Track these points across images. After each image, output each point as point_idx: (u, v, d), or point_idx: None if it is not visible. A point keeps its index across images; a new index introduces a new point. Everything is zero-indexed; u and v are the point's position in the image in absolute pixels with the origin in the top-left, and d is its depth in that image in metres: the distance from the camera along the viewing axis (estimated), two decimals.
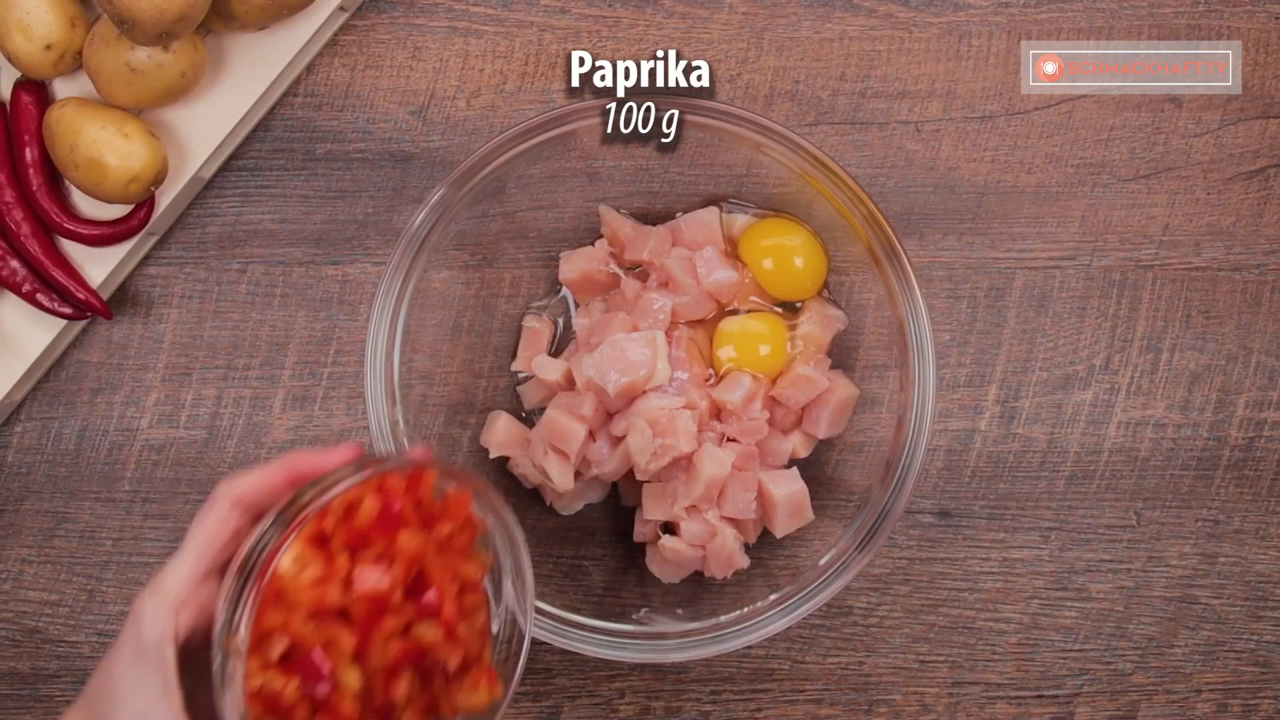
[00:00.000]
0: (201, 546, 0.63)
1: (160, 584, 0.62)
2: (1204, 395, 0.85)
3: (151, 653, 0.61)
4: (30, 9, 0.77)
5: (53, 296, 0.81)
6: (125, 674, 0.61)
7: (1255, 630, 0.85)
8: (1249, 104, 0.85)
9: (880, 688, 0.85)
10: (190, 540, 0.63)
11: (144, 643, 0.61)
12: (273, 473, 0.64)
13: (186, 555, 0.63)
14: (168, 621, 0.61)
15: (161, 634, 0.61)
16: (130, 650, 0.61)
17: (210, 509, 0.63)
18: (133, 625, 0.62)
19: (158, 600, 0.62)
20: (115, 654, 0.62)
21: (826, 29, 0.85)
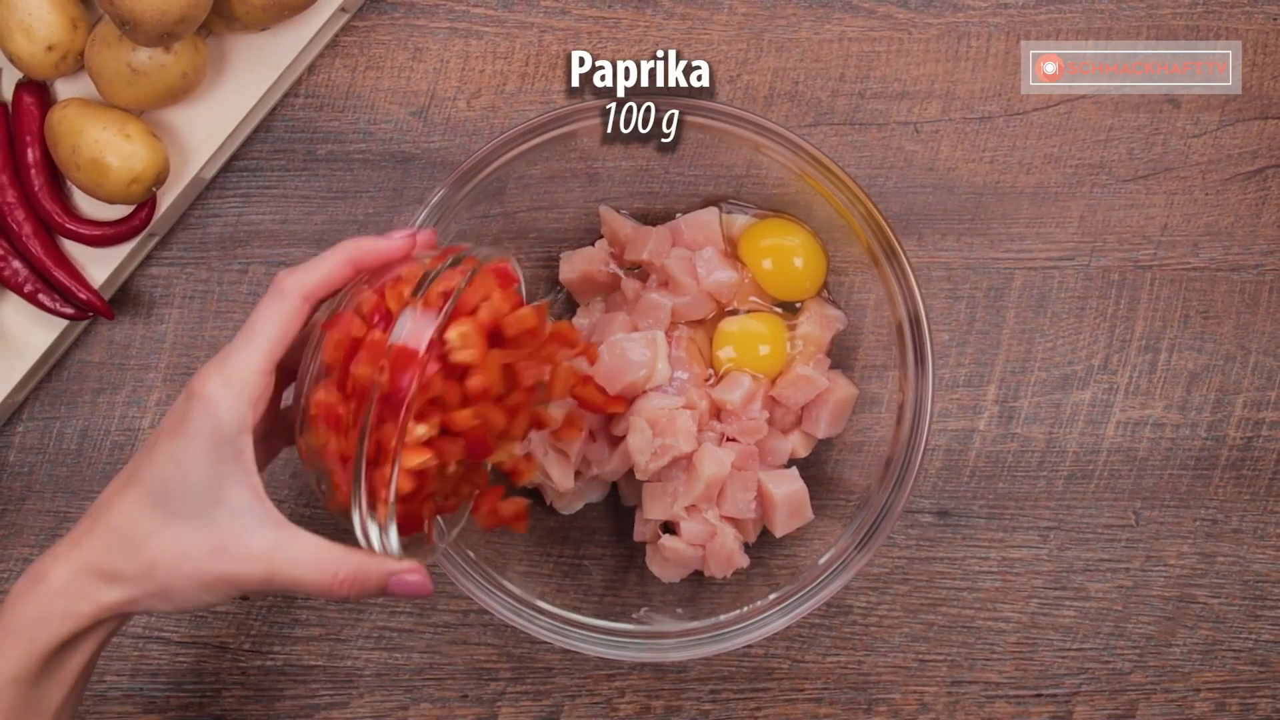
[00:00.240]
0: (274, 339, 0.62)
1: (233, 375, 0.61)
2: (1202, 395, 0.85)
3: (231, 444, 0.61)
4: (32, 10, 0.77)
5: (54, 297, 0.81)
6: (203, 465, 0.61)
7: (1253, 629, 0.85)
8: (1247, 105, 0.85)
9: (879, 687, 0.85)
10: (260, 332, 0.62)
11: (223, 434, 0.61)
12: (337, 265, 0.64)
13: (258, 347, 0.62)
14: (246, 413, 0.61)
15: (241, 425, 0.61)
16: (207, 441, 0.61)
17: (280, 303, 0.63)
18: (205, 416, 0.61)
19: (233, 392, 0.61)
20: (184, 443, 0.61)
21: (826, 30, 0.85)
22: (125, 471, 0.63)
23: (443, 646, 0.85)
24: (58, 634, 0.61)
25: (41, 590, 0.62)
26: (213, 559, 0.62)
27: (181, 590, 0.62)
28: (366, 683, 0.85)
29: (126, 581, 0.62)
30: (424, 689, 0.85)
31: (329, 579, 0.62)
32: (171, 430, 0.62)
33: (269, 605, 0.84)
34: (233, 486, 0.62)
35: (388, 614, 0.85)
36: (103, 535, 0.62)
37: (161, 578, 0.62)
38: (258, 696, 0.85)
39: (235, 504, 0.62)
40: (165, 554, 0.61)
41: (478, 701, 0.85)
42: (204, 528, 0.62)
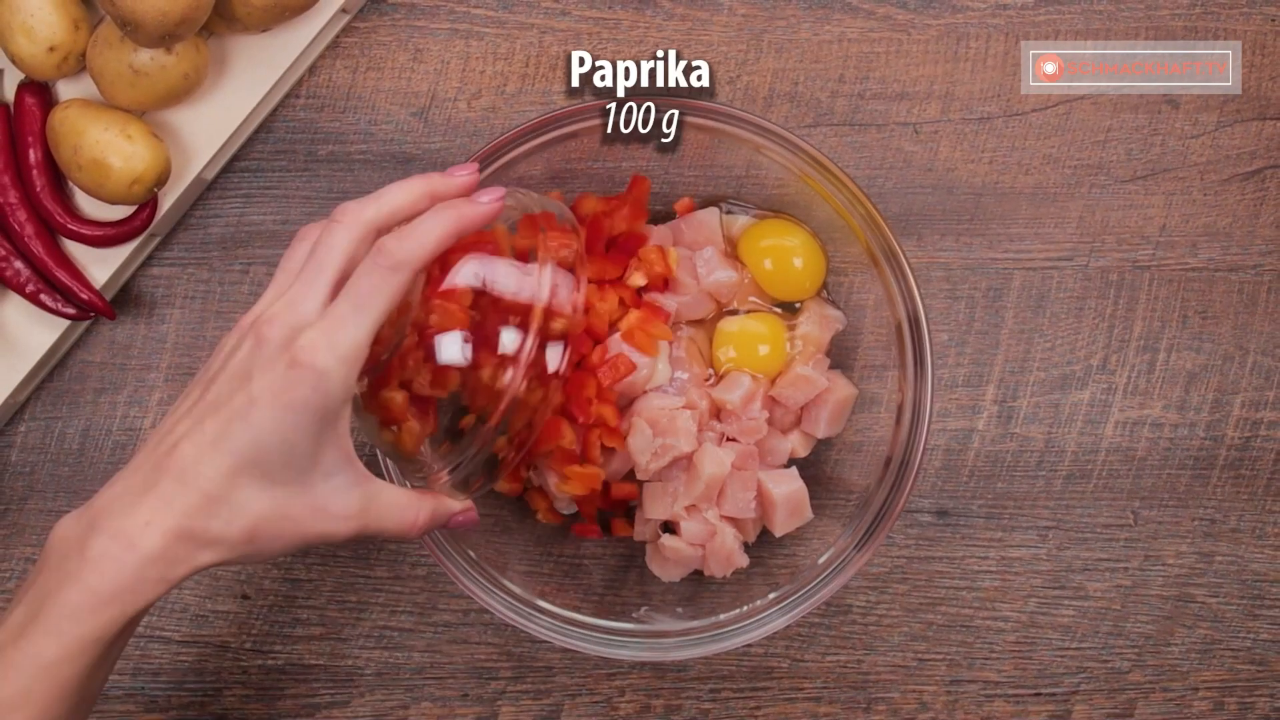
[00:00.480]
0: (385, 313, 0.62)
1: (346, 349, 0.61)
2: (1200, 395, 0.86)
3: (334, 414, 0.62)
4: (34, 11, 0.77)
5: (56, 297, 0.81)
6: (307, 435, 0.61)
7: (1251, 629, 0.86)
8: (1245, 105, 0.85)
9: (879, 686, 0.85)
10: (374, 306, 0.62)
11: (329, 406, 0.61)
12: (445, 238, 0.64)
13: (371, 321, 0.62)
14: (352, 384, 0.62)
15: (346, 396, 0.62)
16: (315, 414, 0.61)
17: (394, 277, 0.62)
18: (316, 390, 0.61)
19: (345, 366, 0.61)
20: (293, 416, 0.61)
21: (825, 31, 0.85)
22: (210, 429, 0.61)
23: (443, 646, 0.85)
24: (149, 598, 0.61)
25: (135, 556, 0.60)
26: (311, 521, 0.63)
27: (275, 549, 0.63)
28: (367, 682, 0.85)
29: (222, 545, 0.61)
30: (425, 688, 0.85)
31: (408, 526, 0.66)
32: (277, 402, 0.61)
33: (270, 605, 0.85)
34: (329, 450, 0.63)
35: (388, 613, 0.85)
36: (197, 500, 0.61)
37: (260, 542, 0.62)
38: (259, 696, 0.85)
39: (330, 466, 0.63)
40: (265, 519, 0.62)
41: (478, 701, 0.85)
42: (303, 492, 0.62)
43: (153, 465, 0.62)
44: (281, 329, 0.62)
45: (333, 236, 0.64)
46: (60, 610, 0.60)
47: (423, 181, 0.67)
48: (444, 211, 0.65)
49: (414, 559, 0.85)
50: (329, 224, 0.64)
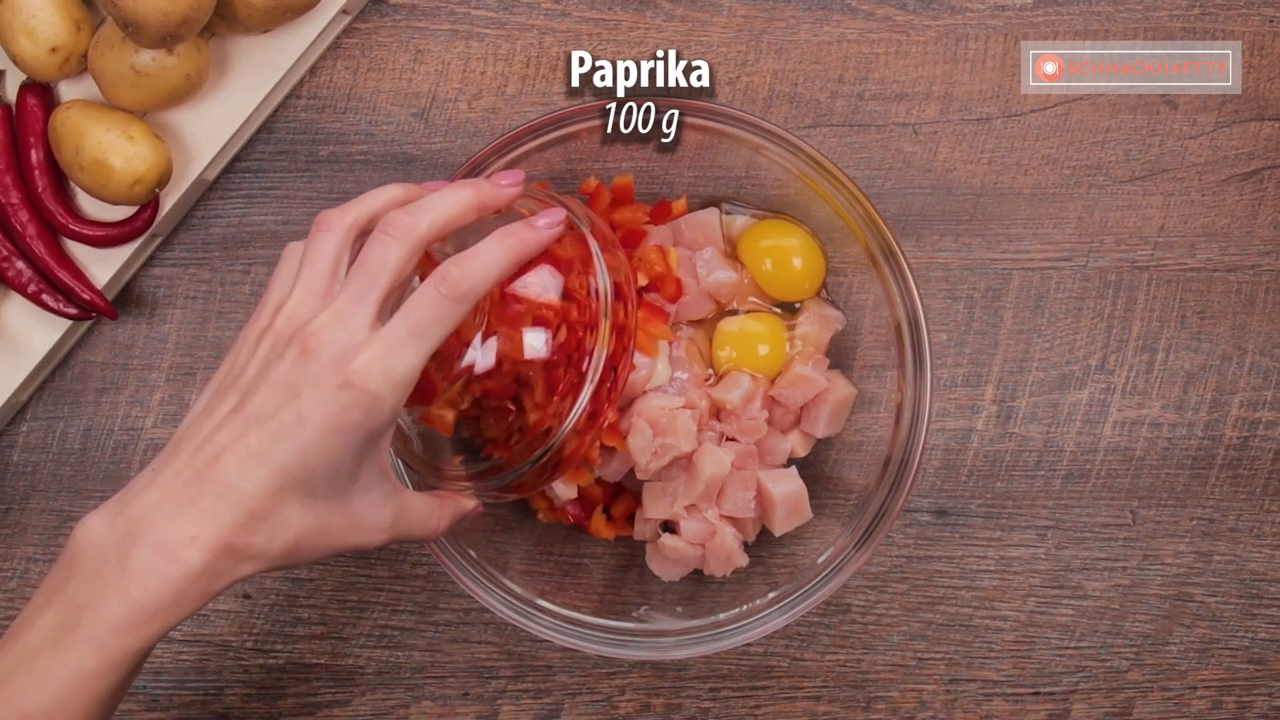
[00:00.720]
0: (440, 341, 0.62)
1: (401, 377, 0.61)
2: (1199, 395, 0.86)
3: (381, 438, 0.63)
4: (35, 12, 0.77)
5: (58, 297, 0.81)
6: (352, 456, 0.62)
7: (1250, 628, 0.86)
8: (1244, 106, 0.86)
9: (878, 685, 0.85)
10: (433, 335, 0.62)
11: (379, 430, 0.62)
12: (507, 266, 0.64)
13: (426, 348, 0.62)
14: (401, 408, 0.62)
15: (394, 420, 0.62)
16: (364, 436, 0.61)
17: (456, 308, 0.62)
18: (369, 415, 0.61)
19: (398, 393, 0.61)
20: (343, 440, 0.61)
21: (825, 32, 0.85)
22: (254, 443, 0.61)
23: (444, 645, 0.85)
24: (190, 611, 0.61)
25: (179, 571, 0.60)
26: (347, 534, 0.64)
27: (311, 559, 0.63)
28: (368, 681, 0.85)
29: (264, 559, 0.61)
30: (425, 687, 0.85)
31: (432, 532, 0.69)
32: (327, 424, 0.60)
33: (271, 604, 0.85)
34: (369, 467, 0.63)
35: (389, 613, 0.85)
36: (241, 516, 0.60)
37: (299, 555, 0.62)
38: (260, 694, 0.85)
39: (367, 480, 0.64)
40: (307, 534, 0.62)
41: (479, 699, 0.85)
42: (341, 507, 0.63)
43: (194, 475, 0.61)
44: (331, 347, 0.61)
45: (385, 251, 0.62)
46: (102, 623, 0.60)
47: (473, 192, 0.66)
48: (506, 239, 0.65)
49: (415, 558, 0.85)
50: (379, 235, 0.63)
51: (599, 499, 0.81)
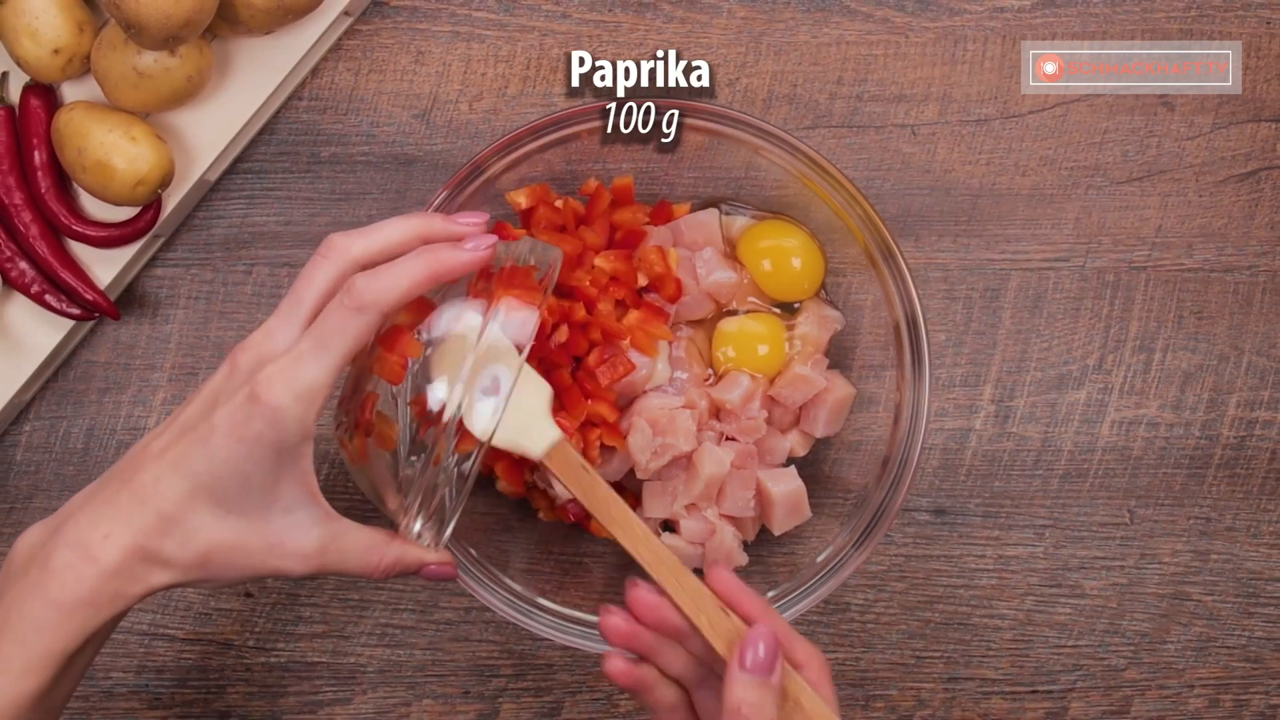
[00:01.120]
0: (346, 353, 0.62)
1: (303, 388, 0.61)
2: (1196, 395, 0.86)
3: (291, 452, 0.61)
4: (39, 14, 0.77)
5: (61, 297, 0.81)
6: (263, 470, 0.61)
7: (1246, 626, 0.86)
8: (1240, 107, 0.86)
9: (877, 683, 0.86)
10: (336, 347, 0.61)
11: (285, 443, 0.61)
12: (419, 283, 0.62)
13: (332, 362, 0.61)
14: (311, 424, 0.61)
15: (305, 435, 0.61)
16: (270, 449, 0.61)
17: (359, 319, 0.61)
18: (271, 427, 0.60)
19: (302, 405, 0.60)
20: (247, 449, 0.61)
21: (824, 34, 0.85)
22: (173, 452, 0.62)
23: (445, 643, 0.85)
24: (108, 614, 0.61)
25: (93, 569, 0.60)
26: (266, 555, 0.63)
27: (230, 578, 0.63)
28: (369, 679, 0.85)
29: (176, 568, 0.61)
30: (426, 685, 0.85)
31: (371, 568, 0.65)
32: (233, 433, 0.61)
33: (273, 603, 0.85)
34: (289, 487, 0.62)
35: (390, 611, 0.85)
36: (154, 520, 0.61)
37: (213, 568, 0.62)
38: (262, 693, 0.85)
39: (289, 502, 0.63)
40: (220, 547, 0.62)
41: (479, 698, 0.85)
42: (259, 526, 0.62)
43: (120, 480, 0.62)
44: (250, 359, 0.62)
45: (314, 270, 0.63)
46: (24, 621, 0.60)
47: (420, 223, 0.65)
48: (423, 255, 0.63)
49: None
50: (314, 257, 0.64)
51: None
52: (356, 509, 0.76)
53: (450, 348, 0.64)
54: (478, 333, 0.63)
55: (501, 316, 0.63)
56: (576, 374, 0.77)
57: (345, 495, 0.84)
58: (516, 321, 0.63)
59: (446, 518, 0.66)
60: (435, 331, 0.65)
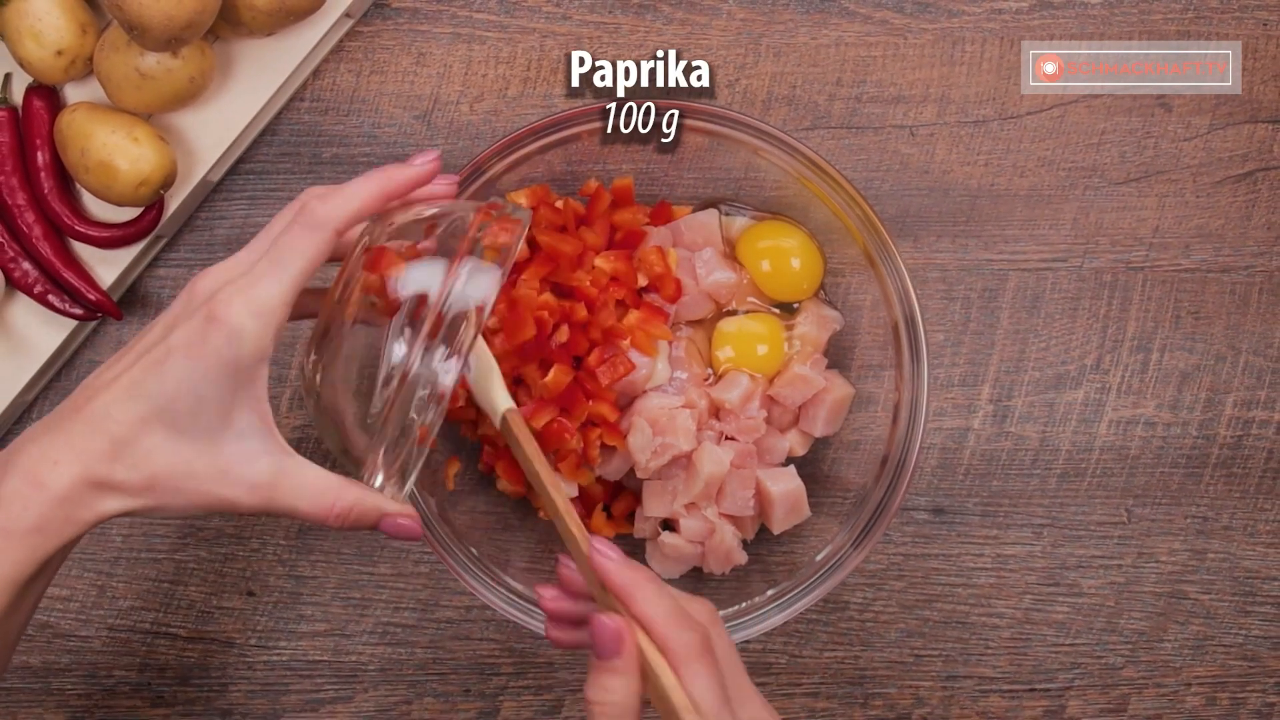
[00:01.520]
0: (305, 272, 0.62)
1: (261, 305, 0.60)
2: (1193, 394, 0.86)
3: (248, 372, 0.61)
4: (42, 16, 0.77)
5: (64, 297, 0.81)
6: (217, 390, 0.60)
7: (1243, 625, 0.86)
8: (1237, 109, 0.86)
9: (875, 681, 0.86)
10: (291, 263, 0.61)
11: (243, 363, 0.61)
12: (371, 198, 0.63)
13: (289, 278, 0.61)
14: (269, 343, 0.61)
15: (262, 355, 0.61)
16: (226, 368, 0.60)
17: (313, 235, 0.62)
18: (228, 344, 0.60)
19: (260, 322, 0.60)
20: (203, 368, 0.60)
21: (823, 35, 0.86)
22: (127, 377, 0.61)
23: (446, 642, 0.85)
24: (58, 541, 0.60)
25: (43, 496, 0.60)
26: (215, 482, 0.62)
27: (179, 507, 0.62)
28: (371, 678, 0.85)
29: (126, 493, 0.61)
30: (427, 684, 0.85)
31: (324, 510, 0.63)
32: (188, 351, 0.60)
33: (275, 602, 0.85)
34: (243, 412, 0.62)
35: (392, 610, 0.85)
36: (104, 444, 0.61)
37: (162, 493, 0.61)
38: (264, 691, 0.85)
39: (243, 429, 0.62)
40: (169, 471, 0.61)
41: (480, 696, 0.86)
42: (210, 450, 0.61)
43: (72, 409, 0.62)
44: (210, 284, 0.62)
45: (292, 230, 0.63)
46: None
47: (382, 175, 0.65)
48: (373, 174, 0.65)
49: (417, 556, 0.85)
50: (289, 208, 0.65)
51: (599, 497, 0.81)
52: None
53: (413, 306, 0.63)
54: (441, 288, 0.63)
55: (466, 273, 0.63)
56: (577, 374, 0.77)
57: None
58: (481, 279, 0.63)
59: (409, 470, 0.64)
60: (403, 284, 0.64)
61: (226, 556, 0.85)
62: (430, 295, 0.63)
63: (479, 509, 0.83)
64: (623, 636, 0.59)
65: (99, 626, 0.85)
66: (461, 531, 0.78)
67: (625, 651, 0.59)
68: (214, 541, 0.85)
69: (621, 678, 0.59)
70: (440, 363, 0.62)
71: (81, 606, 0.85)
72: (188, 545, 0.85)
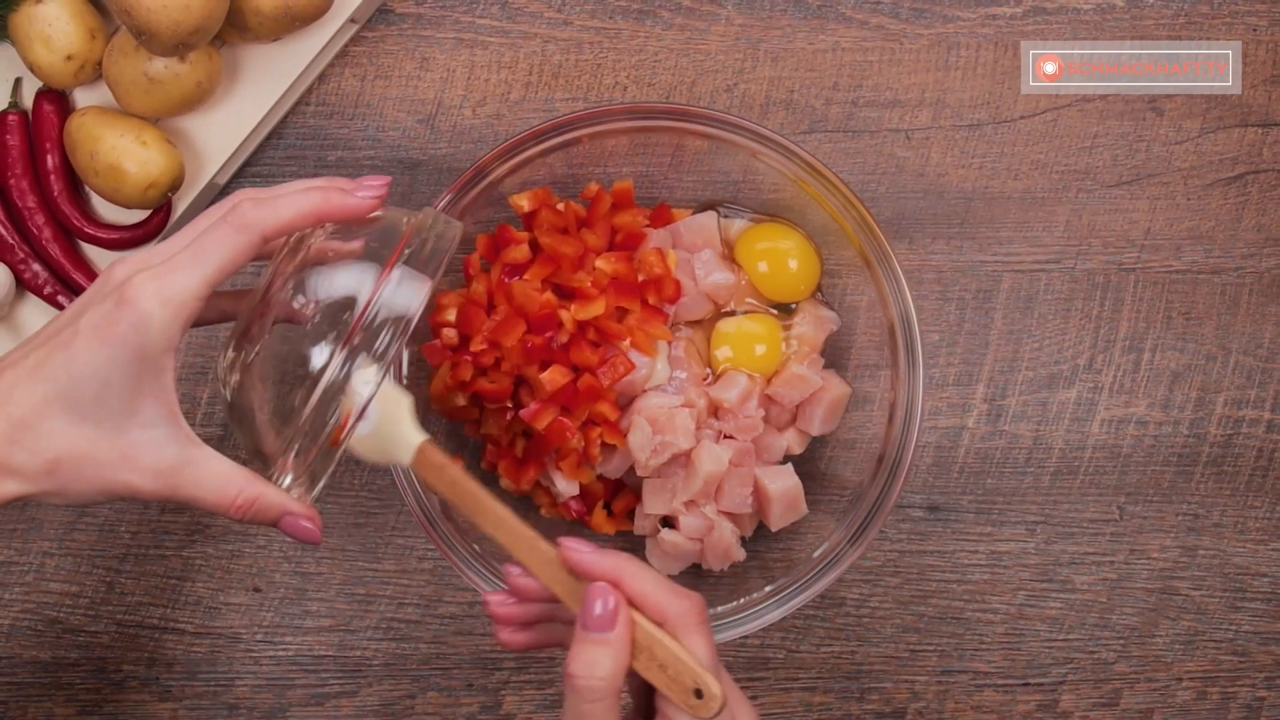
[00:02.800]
0: (223, 269, 0.60)
1: (172, 295, 0.59)
2: (1184, 394, 0.86)
3: (155, 360, 0.59)
4: (51, 21, 0.78)
5: (73, 299, 0.80)
6: (123, 375, 0.59)
7: (1234, 621, 0.86)
8: (1228, 112, 0.86)
9: (872, 676, 0.86)
10: (211, 259, 0.60)
11: (150, 349, 0.59)
12: (303, 215, 0.62)
13: (205, 273, 0.60)
14: (176, 334, 0.60)
15: (169, 344, 0.59)
16: (133, 354, 0.59)
17: (238, 236, 0.60)
18: (135, 329, 0.59)
19: (169, 311, 0.59)
20: (109, 351, 0.59)
21: (820, 40, 0.86)
22: (33, 358, 0.60)
23: (449, 637, 0.86)
24: None
25: None
26: (117, 468, 0.60)
27: (79, 493, 0.61)
28: (375, 672, 0.86)
29: (25, 477, 0.60)
30: (430, 678, 0.86)
31: (227, 502, 0.62)
32: (96, 333, 0.59)
33: (280, 598, 0.86)
34: (148, 400, 0.60)
35: (396, 605, 0.86)
36: (4, 428, 0.59)
37: (62, 479, 0.60)
38: (270, 686, 0.86)
39: (148, 417, 0.60)
40: (69, 455, 0.60)
41: (483, 690, 0.86)
42: (113, 436, 0.60)
43: None
44: (126, 270, 0.61)
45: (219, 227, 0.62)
46: None
47: (321, 197, 0.63)
48: (312, 193, 0.63)
49: (420, 553, 0.86)
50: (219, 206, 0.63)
51: (600, 495, 0.82)
52: None
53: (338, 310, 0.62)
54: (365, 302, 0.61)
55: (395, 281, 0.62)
56: (577, 374, 0.78)
57: None
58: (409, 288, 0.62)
59: (319, 475, 0.63)
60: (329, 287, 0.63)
61: (233, 553, 0.86)
62: (358, 300, 0.61)
63: None
64: (617, 608, 0.59)
65: (107, 622, 0.85)
66: (463, 529, 0.78)
67: (619, 622, 0.58)
68: (221, 538, 0.86)
69: (611, 651, 0.58)
70: (360, 370, 0.61)
71: (90, 602, 0.85)
72: (195, 542, 0.86)
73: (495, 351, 0.77)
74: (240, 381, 0.64)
